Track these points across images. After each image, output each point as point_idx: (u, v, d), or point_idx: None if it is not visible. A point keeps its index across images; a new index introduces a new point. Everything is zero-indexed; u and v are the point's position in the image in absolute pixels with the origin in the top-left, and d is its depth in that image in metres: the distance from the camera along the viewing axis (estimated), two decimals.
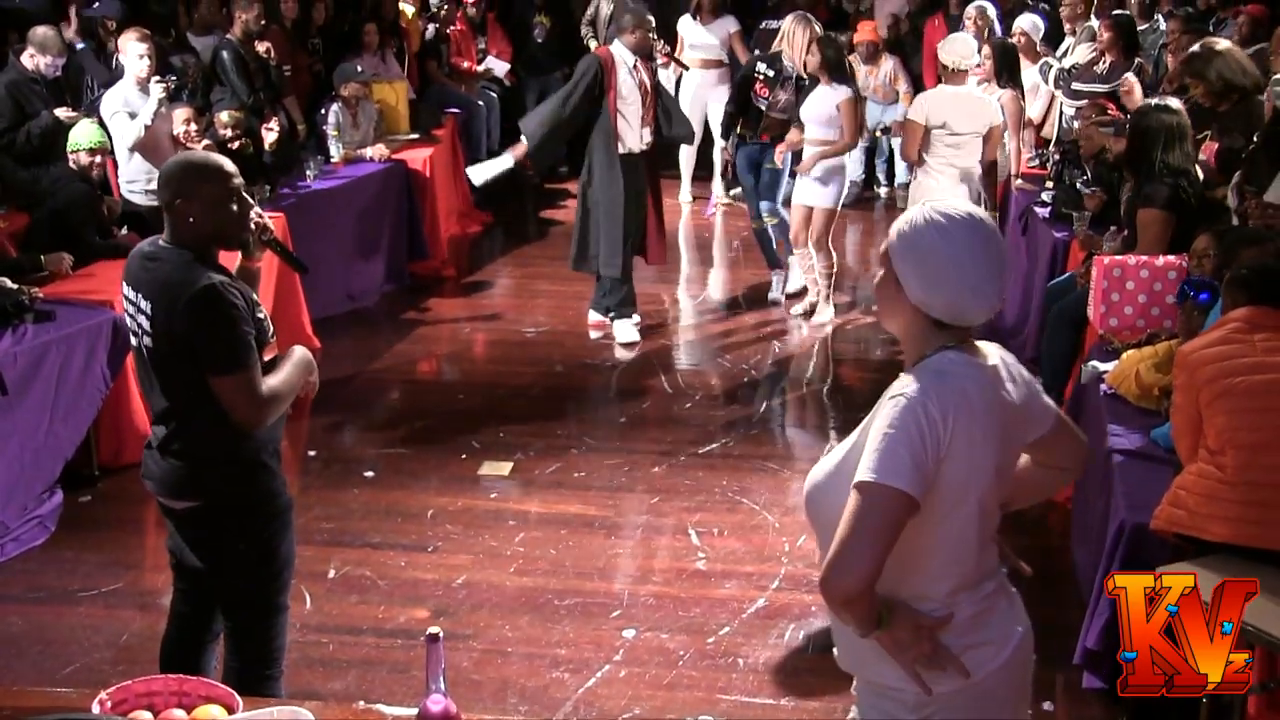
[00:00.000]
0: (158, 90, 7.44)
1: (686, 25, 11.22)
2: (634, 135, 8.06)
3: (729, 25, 11.13)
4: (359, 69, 9.79)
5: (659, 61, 8.44)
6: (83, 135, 6.96)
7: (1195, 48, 6.93)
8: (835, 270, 8.58)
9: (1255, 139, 6.15)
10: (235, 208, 3.62)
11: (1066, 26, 10.23)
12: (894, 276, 2.52)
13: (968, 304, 2.47)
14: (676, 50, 10.98)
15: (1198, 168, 6.24)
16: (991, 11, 9.87)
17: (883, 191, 11.93)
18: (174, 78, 7.76)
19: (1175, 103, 6.20)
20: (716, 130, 10.70)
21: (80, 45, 8.66)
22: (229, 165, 3.67)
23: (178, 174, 3.62)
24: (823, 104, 8.22)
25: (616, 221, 8.07)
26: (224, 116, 8.42)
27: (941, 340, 2.51)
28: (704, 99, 11.03)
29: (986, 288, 2.48)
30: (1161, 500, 4.16)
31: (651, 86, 8.13)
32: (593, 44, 10.91)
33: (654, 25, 8.25)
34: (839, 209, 8.55)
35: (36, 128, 7.43)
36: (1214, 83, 6.66)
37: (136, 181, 7.57)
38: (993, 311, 2.53)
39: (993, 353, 2.60)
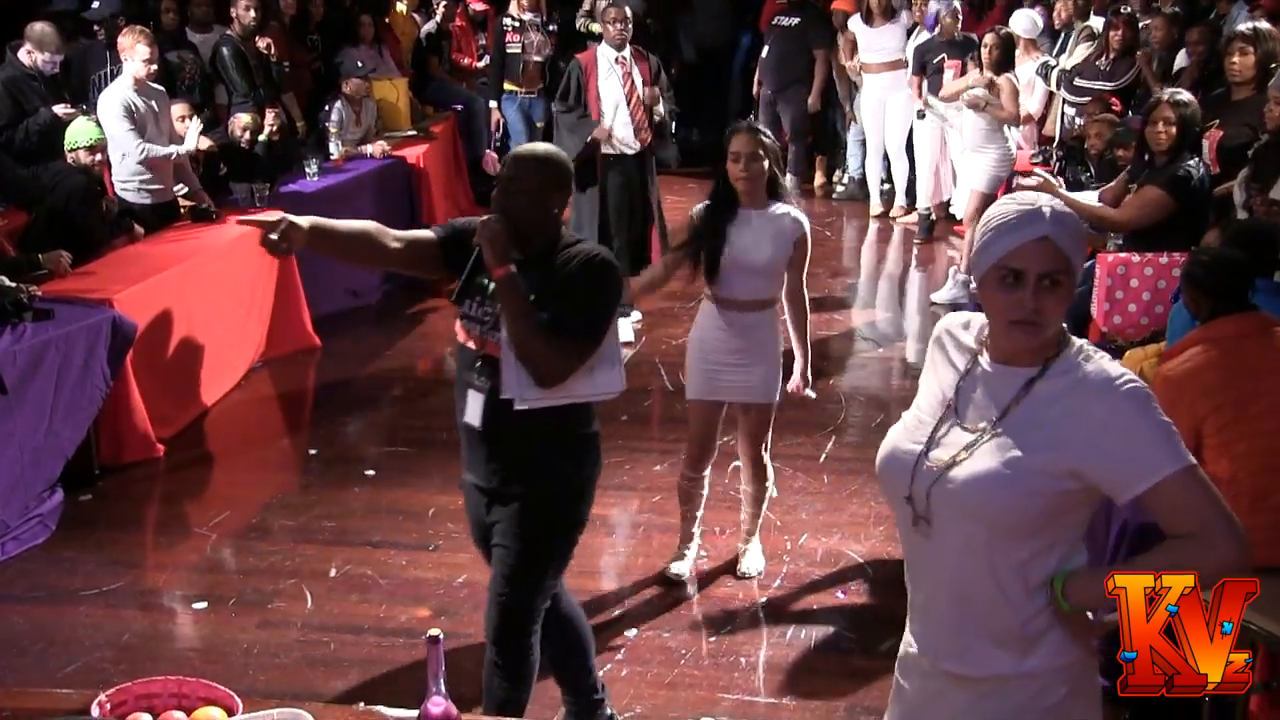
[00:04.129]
0: (195, 126, 7.66)
1: (858, 28, 10.92)
2: (619, 134, 8.02)
3: (904, 24, 10.77)
4: (359, 64, 9.80)
5: (624, 52, 7.98)
6: (80, 133, 6.93)
7: (1254, 24, 6.94)
8: None
9: (1262, 136, 6.14)
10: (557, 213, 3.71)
11: (1058, 22, 10.28)
12: (1074, 275, 2.49)
13: None
14: (843, 54, 11.14)
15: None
16: None
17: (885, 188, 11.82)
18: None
19: (1187, 95, 6.23)
20: (895, 138, 10.86)
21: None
22: None
23: (566, 169, 3.72)
24: (764, 241, 4.98)
25: (593, 223, 8.08)
26: (244, 118, 8.43)
27: None
28: (883, 103, 10.87)
29: None
30: None
31: (644, 83, 8.04)
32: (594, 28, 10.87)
33: (622, 17, 7.96)
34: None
35: (35, 125, 7.40)
36: (1261, 59, 6.63)
37: (130, 181, 7.53)
38: None
39: None
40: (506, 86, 10.06)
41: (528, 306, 3.50)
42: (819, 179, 12.26)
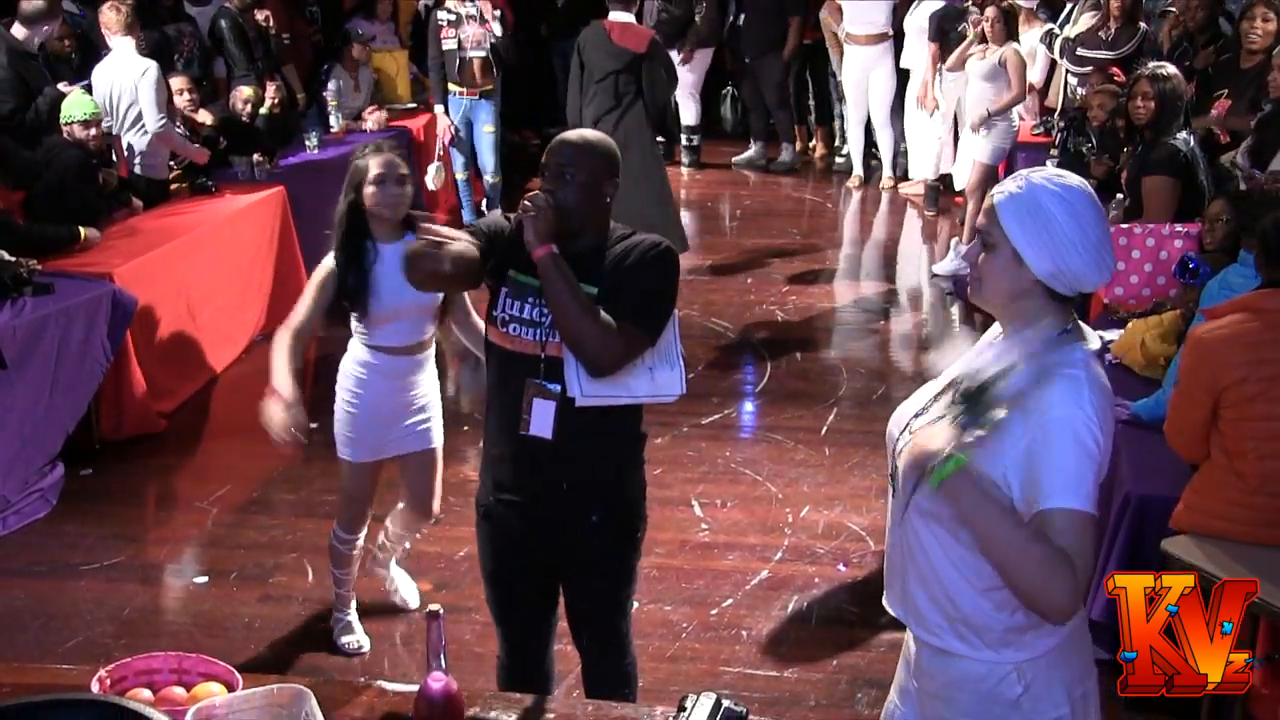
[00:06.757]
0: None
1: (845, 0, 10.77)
2: None
3: None
4: (360, 31, 9.76)
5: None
6: (76, 107, 6.87)
7: None
8: None
9: (1265, 105, 6.11)
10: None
11: None
12: (1011, 250, 2.40)
13: (1091, 276, 2.40)
14: (829, 22, 10.92)
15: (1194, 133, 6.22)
16: None
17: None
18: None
19: (1170, 68, 6.23)
20: (879, 110, 10.80)
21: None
22: None
23: (618, 156, 3.41)
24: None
25: None
26: (245, 91, 8.38)
27: (1055, 317, 2.42)
28: (867, 74, 10.78)
29: (1108, 259, 2.42)
30: (1179, 504, 4.00)
31: None
32: None
33: None
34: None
35: (44, 103, 7.32)
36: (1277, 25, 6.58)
37: (136, 158, 7.49)
38: (1105, 282, 2.46)
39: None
40: (450, 88, 9.24)
41: (575, 286, 3.19)
42: (820, 150, 12.22)
